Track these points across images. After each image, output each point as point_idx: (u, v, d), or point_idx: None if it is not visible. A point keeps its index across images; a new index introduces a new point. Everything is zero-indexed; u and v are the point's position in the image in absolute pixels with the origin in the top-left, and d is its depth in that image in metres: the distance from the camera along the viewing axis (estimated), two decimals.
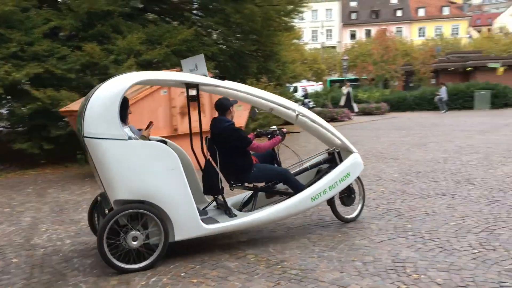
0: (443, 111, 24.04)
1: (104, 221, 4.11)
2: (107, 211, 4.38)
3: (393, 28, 52.87)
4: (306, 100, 30.79)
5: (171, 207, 4.27)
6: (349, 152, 5.41)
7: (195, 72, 4.77)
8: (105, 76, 9.90)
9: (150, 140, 4.71)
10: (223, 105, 4.93)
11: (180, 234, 4.33)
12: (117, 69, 10.73)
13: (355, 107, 24.85)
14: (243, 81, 14.22)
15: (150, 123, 4.99)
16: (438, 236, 4.80)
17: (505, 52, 47.01)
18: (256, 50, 17.17)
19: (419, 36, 66.01)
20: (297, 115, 4.98)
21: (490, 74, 28.29)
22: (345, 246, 4.62)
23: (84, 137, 4.03)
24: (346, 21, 69.89)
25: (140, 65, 11.58)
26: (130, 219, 4.22)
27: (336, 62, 51.12)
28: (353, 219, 5.43)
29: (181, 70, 5.24)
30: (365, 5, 73.26)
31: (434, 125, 17.26)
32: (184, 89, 4.94)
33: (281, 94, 17.81)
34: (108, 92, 4.12)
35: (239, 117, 9.62)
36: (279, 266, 4.19)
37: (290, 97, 21.50)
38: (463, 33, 67.36)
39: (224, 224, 4.56)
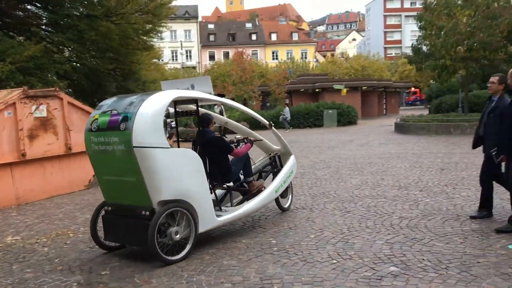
0: (288, 129, 25.67)
1: (153, 220, 4.63)
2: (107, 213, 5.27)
3: (249, 51, 55.50)
4: (168, 120, 30.47)
5: (198, 203, 5.07)
6: (289, 154, 7.05)
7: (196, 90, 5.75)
8: None
9: None
10: (208, 119, 5.87)
11: (203, 226, 5.11)
12: None
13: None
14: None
15: None
16: (301, 249, 5.03)
17: (346, 75, 52.42)
18: (114, 69, 16.53)
19: (273, 59, 70.27)
20: (270, 124, 6.68)
21: (335, 94, 31.25)
22: (214, 269, 4.57)
23: (134, 147, 4.54)
24: (205, 43, 71.37)
25: None
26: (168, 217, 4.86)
27: None
28: (288, 208, 6.90)
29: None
30: (222, 28, 75.78)
31: (290, 142, 18.30)
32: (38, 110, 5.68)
33: None
34: (153, 108, 4.71)
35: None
36: None
37: None
38: (310, 57, 73.49)
39: (227, 216, 5.50)
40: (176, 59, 66.76)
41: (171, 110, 6.39)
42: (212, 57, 68.87)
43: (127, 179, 4.87)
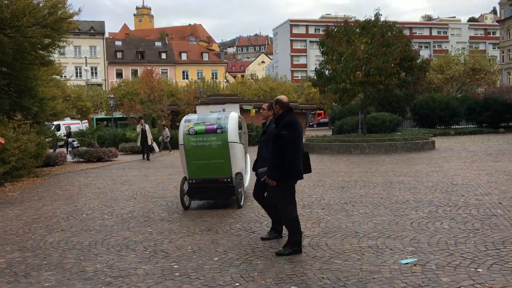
0: (170, 151, 24.69)
1: (236, 182, 8.35)
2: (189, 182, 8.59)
3: (158, 70, 54.68)
4: (70, 139, 28.81)
5: (246, 175, 9.52)
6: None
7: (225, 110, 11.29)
8: None
9: None
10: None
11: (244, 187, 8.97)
12: None
13: (156, 147, 22.56)
14: None
15: None
16: (204, 273, 4.90)
17: (256, 96, 53.59)
18: (8, 85, 15.31)
19: (183, 78, 69.92)
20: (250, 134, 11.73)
21: (244, 115, 31.68)
22: None
23: (229, 142, 8.19)
24: (112, 60, 69.15)
25: None
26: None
27: (103, 100, 49.79)
28: (242, 205, 8.58)
29: None
30: (130, 45, 74.07)
31: None
32: None
33: (39, 133, 16.25)
34: (233, 122, 8.44)
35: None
36: None
37: (51, 136, 19.77)
38: (221, 77, 74.26)
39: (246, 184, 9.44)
40: (81, 76, 63.84)
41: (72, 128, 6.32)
42: (119, 75, 66.86)
43: (216, 161, 8.36)
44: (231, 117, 8.46)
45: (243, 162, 9.18)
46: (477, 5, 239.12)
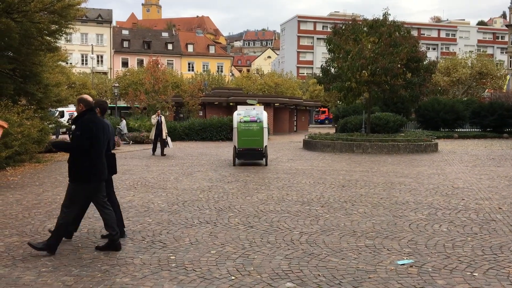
0: (125, 142, 24.52)
1: (265, 151, 14.36)
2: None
3: (164, 60, 54.60)
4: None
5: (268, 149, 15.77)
6: None
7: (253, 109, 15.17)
8: None
9: None
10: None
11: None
12: None
13: (170, 142, 18.44)
14: None
15: None
16: (200, 265, 4.91)
17: (260, 91, 53.51)
18: (13, 69, 15.31)
19: (189, 70, 69.82)
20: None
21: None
22: (104, 287, 4.29)
23: (263, 127, 14.24)
24: (118, 49, 69.07)
25: None
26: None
27: (108, 89, 49.80)
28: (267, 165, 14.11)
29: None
30: (137, 35, 73.96)
31: (201, 155, 18.20)
32: None
33: (43, 119, 16.27)
34: (265, 115, 14.64)
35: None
36: None
37: (55, 122, 19.79)
38: (226, 71, 74.13)
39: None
40: (86, 63, 63.84)
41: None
42: (125, 64, 66.80)
43: (255, 138, 14.08)
44: (264, 113, 14.53)
45: (267, 140, 14.69)
46: (487, 9, 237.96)
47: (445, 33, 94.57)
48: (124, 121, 25.87)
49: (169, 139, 18.35)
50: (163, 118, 18.57)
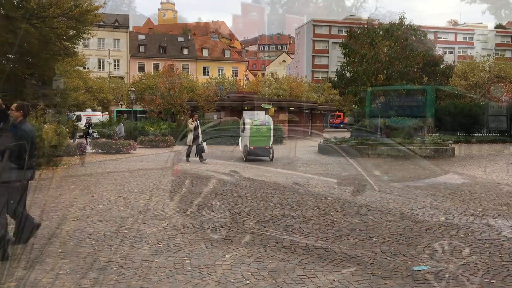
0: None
1: (272, 148, 17.11)
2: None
3: (180, 65, 55.02)
4: (90, 130, 29.20)
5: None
6: None
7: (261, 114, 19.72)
8: None
9: None
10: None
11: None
12: None
13: (205, 146, 17.17)
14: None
15: None
16: (215, 269, 4.93)
17: (275, 95, 53.50)
18: (32, 74, 15.60)
19: (204, 74, 70.22)
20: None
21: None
22: None
23: (270, 129, 17.04)
24: (135, 53, 69.83)
25: None
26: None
27: (124, 93, 50.34)
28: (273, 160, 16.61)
29: None
30: (153, 40, 74.68)
31: (212, 157, 18.25)
32: None
33: (59, 123, 16.51)
34: (271, 119, 17.60)
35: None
36: None
37: (72, 126, 20.07)
38: (241, 75, 74.36)
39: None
40: (103, 68, 64.63)
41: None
42: (141, 68, 67.43)
43: (263, 138, 16.67)
44: (270, 118, 17.47)
45: (272, 140, 17.20)
46: (505, 12, 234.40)
47: (462, 36, 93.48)
48: (122, 124, 25.41)
49: (204, 144, 17.54)
50: (198, 123, 17.78)
